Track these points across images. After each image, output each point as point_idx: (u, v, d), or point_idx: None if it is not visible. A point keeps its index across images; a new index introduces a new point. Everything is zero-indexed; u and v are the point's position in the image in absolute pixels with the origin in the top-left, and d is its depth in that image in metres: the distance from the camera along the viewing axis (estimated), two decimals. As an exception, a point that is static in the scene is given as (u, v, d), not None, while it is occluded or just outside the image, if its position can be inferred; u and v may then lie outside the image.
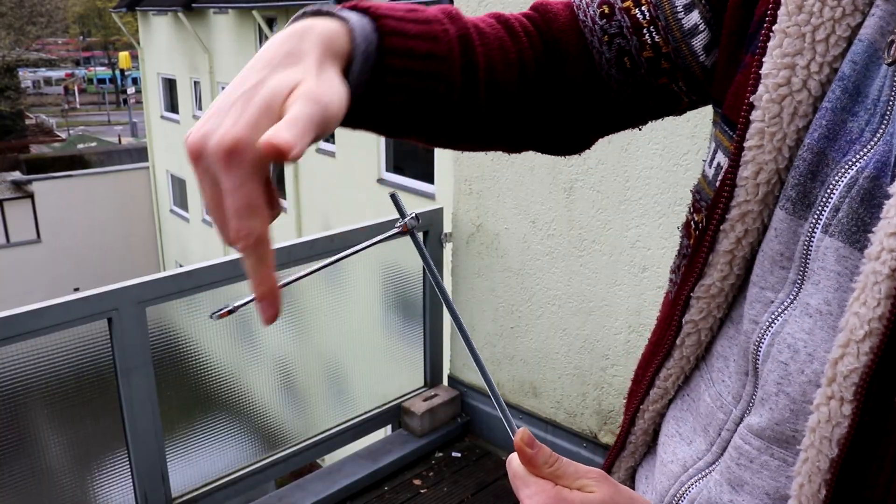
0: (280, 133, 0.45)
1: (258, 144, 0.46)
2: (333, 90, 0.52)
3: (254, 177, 0.48)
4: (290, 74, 0.51)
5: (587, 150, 0.82)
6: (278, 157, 0.45)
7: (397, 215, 0.59)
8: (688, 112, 0.77)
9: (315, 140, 0.49)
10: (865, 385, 0.47)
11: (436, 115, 0.66)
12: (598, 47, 0.72)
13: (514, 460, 0.54)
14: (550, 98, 0.73)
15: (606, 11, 0.71)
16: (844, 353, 0.48)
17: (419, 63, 0.62)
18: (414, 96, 0.63)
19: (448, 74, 0.64)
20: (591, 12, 0.72)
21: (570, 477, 0.53)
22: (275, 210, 0.52)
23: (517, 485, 0.53)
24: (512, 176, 2.95)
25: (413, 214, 0.56)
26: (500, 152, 0.80)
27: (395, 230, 0.57)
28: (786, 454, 0.56)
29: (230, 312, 0.56)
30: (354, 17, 0.59)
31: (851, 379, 0.48)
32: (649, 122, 0.79)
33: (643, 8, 0.69)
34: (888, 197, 0.48)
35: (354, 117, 0.62)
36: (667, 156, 2.43)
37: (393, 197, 0.57)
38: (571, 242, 2.79)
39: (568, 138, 0.78)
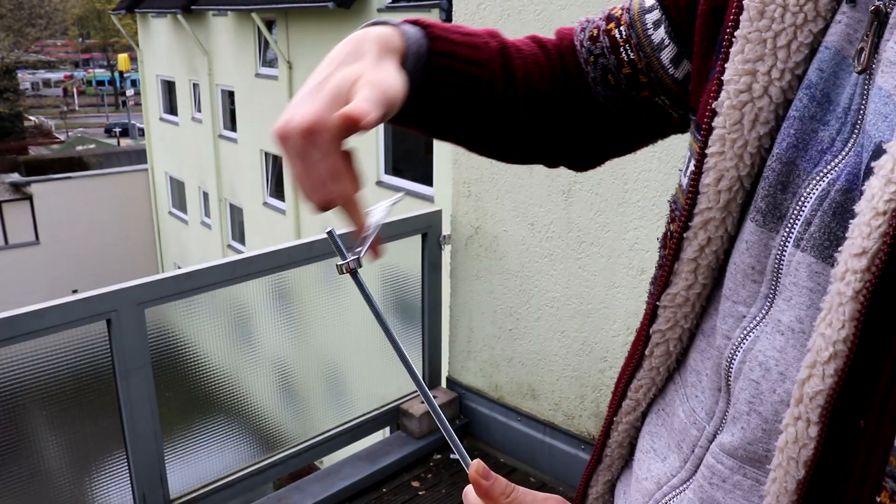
0: (353, 107, 0.55)
1: (334, 117, 0.55)
2: (392, 77, 0.60)
3: (333, 149, 0.57)
4: (354, 69, 0.60)
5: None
6: (354, 124, 0.55)
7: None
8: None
9: (381, 120, 0.58)
10: (830, 407, 0.47)
11: (480, 119, 0.73)
12: (585, 68, 0.76)
13: (469, 493, 0.55)
14: (572, 113, 0.78)
15: (594, 34, 0.76)
16: (811, 374, 0.47)
17: (464, 66, 0.70)
18: (460, 96, 0.70)
19: (490, 79, 0.71)
20: (583, 37, 0.77)
21: None
22: (356, 182, 0.60)
23: None
24: (510, 178, 2.95)
25: (355, 257, 0.59)
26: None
27: (336, 268, 0.59)
28: (758, 474, 0.55)
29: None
30: (405, 25, 0.69)
31: (817, 401, 0.47)
32: (658, 141, 0.81)
33: (621, 28, 0.74)
34: (856, 214, 0.46)
35: (407, 114, 0.70)
36: (665, 158, 2.43)
37: (330, 234, 0.59)
38: (570, 245, 2.79)
39: (583, 154, 0.83)
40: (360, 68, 0.60)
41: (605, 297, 2.71)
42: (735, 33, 0.56)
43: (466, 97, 0.71)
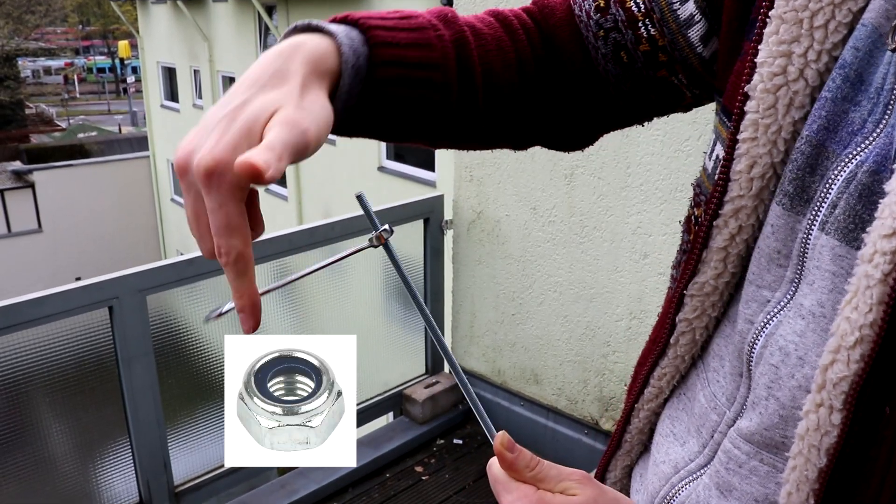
0: (255, 155, 0.46)
1: (235, 165, 0.47)
2: (313, 115, 0.53)
3: (233, 197, 0.49)
4: (273, 98, 0.52)
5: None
6: (253, 178, 0.46)
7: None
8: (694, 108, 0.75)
9: (292, 162, 0.50)
10: (856, 394, 0.45)
11: (435, 120, 0.66)
12: (593, 42, 0.70)
13: (494, 465, 0.53)
14: (553, 94, 0.72)
15: (602, 5, 0.69)
16: (835, 359, 0.46)
17: (412, 71, 0.61)
18: (410, 104, 0.63)
19: (443, 81, 0.63)
20: (587, 7, 0.70)
21: (552, 480, 0.52)
22: (257, 229, 0.53)
23: (499, 490, 0.52)
24: (512, 163, 2.94)
25: (387, 226, 0.53)
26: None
27: (367, 244, 0.54)
28: (775, 460, 0.54)
29: (221, 315, 0.55)
30: (343, 32, 0.59)
31: (841, 387, 0.46)
32: (654, 119, 0.77)
33: (638, 1, 0.67)
34: (886, 194, 0.45)
35: (352, 127, 0.63)
36: (668, 142, 2.42)
37: (360, 199, 0.52)
38: (572, 229, 2.78)
39: (572, 134, 0.77)
40: (280, 98, 0.52)
41: (608, 281, 2.70)
42: (769, 13, 0.54)
43: (417, 102, 0.63)
